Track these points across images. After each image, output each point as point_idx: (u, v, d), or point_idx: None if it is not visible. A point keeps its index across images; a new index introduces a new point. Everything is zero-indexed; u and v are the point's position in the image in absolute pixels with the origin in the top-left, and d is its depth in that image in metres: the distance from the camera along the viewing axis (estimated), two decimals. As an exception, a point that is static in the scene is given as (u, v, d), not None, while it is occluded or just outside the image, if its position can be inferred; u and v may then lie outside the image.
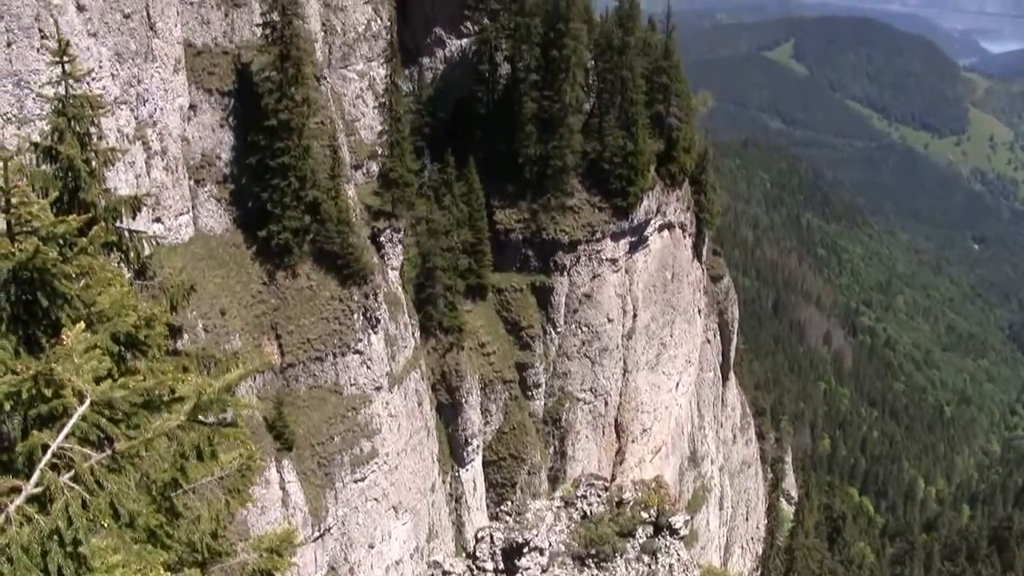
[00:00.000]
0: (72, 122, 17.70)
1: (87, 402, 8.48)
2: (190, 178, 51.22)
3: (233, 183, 53.62)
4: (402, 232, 62.92)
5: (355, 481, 54.88)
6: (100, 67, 40.46)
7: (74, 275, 10.25)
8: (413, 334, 63.09)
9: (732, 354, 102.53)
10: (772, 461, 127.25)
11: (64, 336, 8.84)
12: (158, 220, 46.69)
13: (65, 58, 17.25)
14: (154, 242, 20.45)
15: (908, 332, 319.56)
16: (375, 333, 56.71)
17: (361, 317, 55.53)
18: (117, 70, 42.16)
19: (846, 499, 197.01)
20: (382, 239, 60.81)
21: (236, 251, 53.28)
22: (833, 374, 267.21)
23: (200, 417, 8.92)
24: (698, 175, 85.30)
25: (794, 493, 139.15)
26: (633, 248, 74.87)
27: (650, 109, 74.87)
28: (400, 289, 62.84)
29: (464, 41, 74.89)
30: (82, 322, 9.19)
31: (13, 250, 9.57)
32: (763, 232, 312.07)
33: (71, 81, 17.83)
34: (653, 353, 78.85)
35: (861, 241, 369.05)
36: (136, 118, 44.44)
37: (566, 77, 68.78)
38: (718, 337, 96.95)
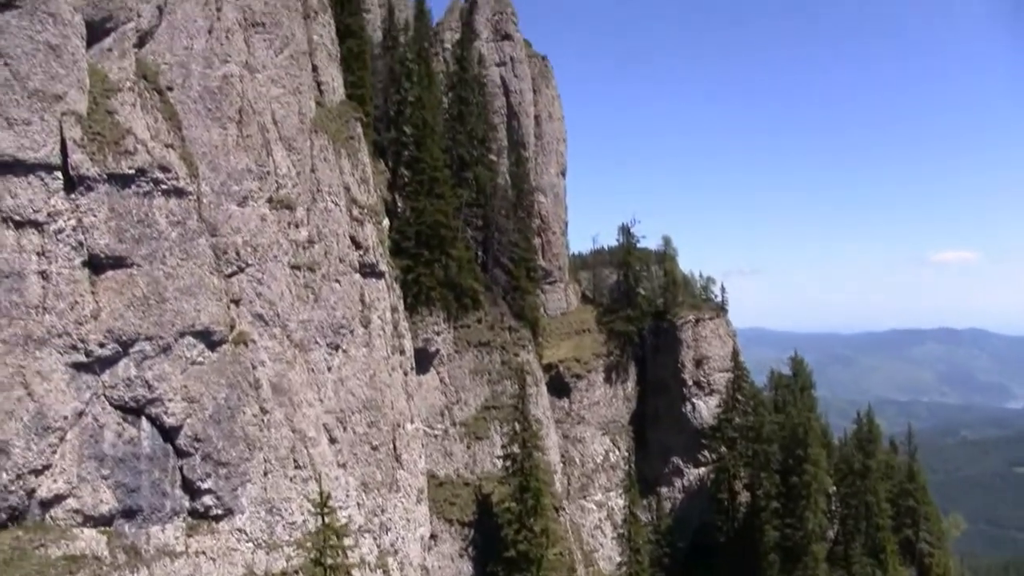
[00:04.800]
0: (329, 572, 17.97)
1: None
2: (429, 610, 51.74)
3: (473, 616, 53.98)
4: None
5: None
6: (347, 496, 42.43)
7: None
8: None
9: None
10: None
11: None
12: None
13: (326, 509, 17.78)
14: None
15: None
16: None
17: None
18: (363, 500, 44.12)
19: None
20: None
21: None
22: None
23: None
24: (960, 606, 79.92)
25: None
26: None
27: (898, 534, 71.98)
28: None
29: (702, 470, 75.45)
30: None
31: None
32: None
33: (330, 534, 18.17)
34: None
35: None
36: (378, 547, 45.85)
37: (807, 504, 67.42)
38: None
